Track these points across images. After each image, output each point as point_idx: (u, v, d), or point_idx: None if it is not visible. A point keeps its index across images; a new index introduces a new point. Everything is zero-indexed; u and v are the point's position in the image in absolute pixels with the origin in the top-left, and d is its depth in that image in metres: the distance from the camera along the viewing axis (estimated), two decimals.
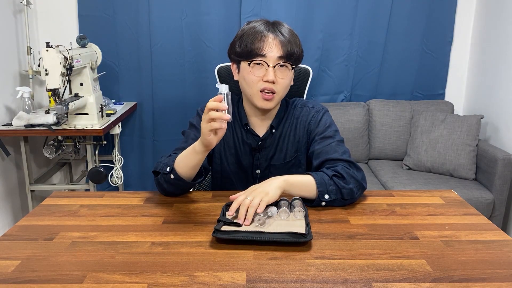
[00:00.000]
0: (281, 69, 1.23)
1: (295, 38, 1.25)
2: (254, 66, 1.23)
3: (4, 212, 2.48)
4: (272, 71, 1.21)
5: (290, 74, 1.26)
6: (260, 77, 1.23)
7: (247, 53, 1.23)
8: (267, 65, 1.21)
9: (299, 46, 1.26)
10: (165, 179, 1.19)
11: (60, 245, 0.96)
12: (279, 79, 1.23)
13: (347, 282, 0.82)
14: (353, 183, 1.17)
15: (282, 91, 1.26)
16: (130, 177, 3.07)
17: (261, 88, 1.24)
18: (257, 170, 1.37)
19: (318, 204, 1.15)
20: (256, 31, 1.22)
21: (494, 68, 2.71)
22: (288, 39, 1.22)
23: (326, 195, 1.14)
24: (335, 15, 2.84)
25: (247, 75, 1.25)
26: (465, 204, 1.20)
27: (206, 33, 2.81)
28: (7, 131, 2.24)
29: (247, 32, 1.24)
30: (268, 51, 1.21)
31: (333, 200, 1.14)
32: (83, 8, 2.78)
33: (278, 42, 1.21)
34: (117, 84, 2.89)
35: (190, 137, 1.31)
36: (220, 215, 1.06)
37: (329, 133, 1.31)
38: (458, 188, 2.43)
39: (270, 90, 1.23)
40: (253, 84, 1.24)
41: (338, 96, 3.02)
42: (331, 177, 1.16)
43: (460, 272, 0.86)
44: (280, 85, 1.24)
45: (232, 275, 0.84)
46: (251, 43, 1.22)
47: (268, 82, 1.22)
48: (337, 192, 1.14)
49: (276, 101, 1.27)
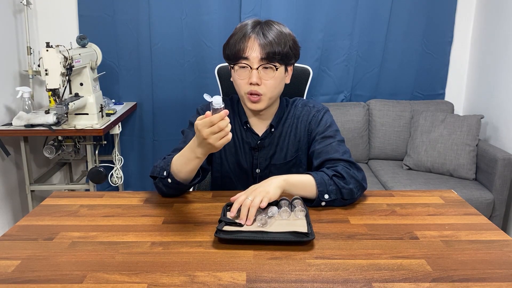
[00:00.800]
0: (266, 70, 1.23)
1: (282, 37, 1.22)
2: (238, 69, 1.23)
3: (4, 212, 2.48)
4: (256, 74, 1.21)
5: (278, 74, 1.24)
6: (245, 80, 1.23)
7: (232, 56, 1.24)
8: (250, 68, 1.21)
9: (287, 44, 1.23)
10: (163, 183, 1.19)
11: (60, 245, 0.96)
12: (264, 80, 1.23)
13: (347, 282, 0.82)
14: (353, 183, 1.17)
15: (270, 92, 1.25)
16: (130, 177, 3.06)
17: (247, 91, 1.24)
18: (257, 170, 1.37)
19: (318, 204, 1.15)
20: (240, 33, 1.22)
21: (494, 68, 2.71)
22: (270, 40, 1.20)
23: (326, 195, 1.14)
24: (335, 15, 2.84)
25: (235, 78, 1.26)
26: (465, 204, 1.20)
27: (206, 33, 2.81)
28: (7, 131, 2.24)
29: (234, 35, 1.24)
30: (249, 53, 1.20)
31: (333, 200, 1.14)
32: (83, 8, 2.78)
33: (259, 44, 1.20)
34: (117, 84, 2.89)
35: (189, 137, 1.30)
36: (221, 215, 1.06)
37: (329, 133, 1.31)
38: (458, 188, 2.43)
39: (255, 93, 1.23)
40: (240, 87, 1.25)
41: (338, 96, 3.02)
42: (331, 177, 1.16)
43: (460, 272, 0.86)
44: (266, 86, 1.23)
45: (232, 275, 0.84)
46: (234, 45, 1.22)
47: (253, 84, 1.22)
48: (337, 192, 1.14)
49: (265, 102, 1.26)
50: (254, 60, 1.21)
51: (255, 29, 1.22)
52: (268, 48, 1.20)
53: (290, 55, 1.25)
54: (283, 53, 1.22)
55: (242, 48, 1.21)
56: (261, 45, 1.20)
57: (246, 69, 1.23)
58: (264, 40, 1.20)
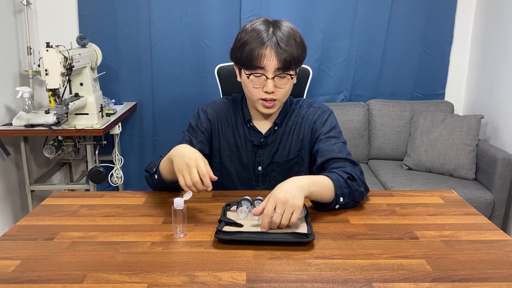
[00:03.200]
0: (281, 78, 1.23)
1: (295, 43, 1.21)
2: (253, 78, 1.23)
3: (4, 212, 2.48)
4: (272, 83, 1.21)
5: (291, 81, 1.26)
6: (260, 87, 1.23)
7: (246, 63, 1.22)
8: (266, 77, 1.21)
9: (299, 50, 1.23)
10: (151, 179, 1.25)
11: (60, 245, 0.96)
12: (278, 88, 1.23)
13: (347, 282, 0.82)
14: (363, 186, 1.18)
15: (283, 97, 1.27)
16: (130, 177, 3.06)
17: (261, 97, 1.25)
18: (259, 167, 1.37)
19: (333, 208, 1.14)
20: (256, 41, 1.19)
21: (494, 68, 2.71)
22: (285, 48, 1.18)
23: (341, 198, 1.13)
24: (335, 15, 2.84)
25: (247, 85, 1.25)
26: (465, 204, 1.20)
27: (206, 33, 2.81)
28: (7, 131, 2.25)
29: (247, 39, 1.20)
30: (266, 63, 1.19)
31: (346, 203, 1.14)
32: (83, 8, 2.77)
33: (275, 53, 1.18)
34: (117, 84, 2.89)
35: (185, 139, 1.34)
36: (221, 215, 1.06)
37: (334, 134, 1.33)
38: (458, 188, 2.43)
39: (271, 99, 1.24)
40: (253, 94, 1.26)
41: (338, 96, 3.02)
42: (345, 179, 1.15)
43: (460, 272, 0.86)
44: (281, 93, 1.25)
45: (232, 275, 0.84)
46: (250, 53, 1.19)
47: (268, 93, 1.22)
48: (350, 194, 1.14)
49: (278, 106, 1.29)
50: (270, 69, 1.20)
51: (268, 33, 1.19)
52: (285, 57, 1.19)
53: (302, 59, 1.26)
54: (297, 60, 1.23)
55: (259, 58, 1.19)
56: (277, 53, 1.18)
57: (260, 78, 1.22)
58: (280, 50, 1.18)
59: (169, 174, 1.17)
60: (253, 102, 1.29)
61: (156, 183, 1.24)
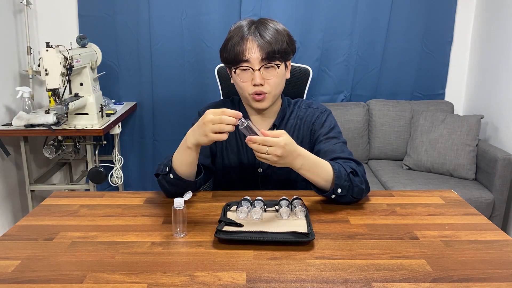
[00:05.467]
0: (267, 69, 1.23)
1: (278, 35, 1.23)
2: (240, 72, 1.24)
3: (4, 212, 2.48)
4: (259, 75, 1.22)
5: (279, 72, 1.25)
6: (248, 81, 1.24)
7: (232, 60, 1.24)
8: (252, 70, 1.22)
9: (284, 41, 1.24)
10: (166, 180, 1.19)
11: (60, 245, 0.96)
12: (267, 80, 1.24)
13: (347, 282, 0.82)
14: (364, 184, 1.19)
15: (274, 90, 1.26)
16: (130, 177, 3.06)
17: (251, 92, 1.25)
18: (259, 169, 1.37)
19: (329, 196, 1.16)
20: (237, 36, 1.22)
21: (494, 68, 2.71)
22: (268, 39, 1.20)
23: (339, 189, 1.14)
24: (335, 15, 2.84)
25: (237, 82, 1.26)
26: (465, 204, 1.20)
27: (206, 33, 2.81)
28: (7, 131, 2.24)
29: (230, 38, 1.24)
30: (250, 55, 1.21)
31: (343, 196, 1.15)
32: (83, 8, 2.77)
33: (258, 45, 1.20)
34: (117, 84, 2.89)
35: None
36: (221, 215, 1.06)
37: (334, 134, 1.33)
38: (458, 188, 2.43)
39: (261, 92, 1.24)
40: (243, 89, 1.26)
41: (338, 96, 3.02)
42: (348, 173, 1.16)
43: (460, 272, 0.86)
44: (270, 85, 1.24)
45: (232, 275, 0.84)
46: (233, 49, 1.22)
47: (257, 85, 1.23)
48: (350, 189, 1.15)
49: (270, 100, 1.27)
50: (255, 61, 1.21)
51: (251, 29, 1.23)
52: (267, 48, 1.20)
53: (288, 51, 1.26)
54: (282, 50, 1.23)
55: (242, 51, 1.21)
56: (259, 45, 1.20)
57: (247, 71, 1.23)
58: (262, 40, 1.20)
59: (187, 166, 1.15)
60: (246, 99, 1.29)
61: (172, 183, 1.17)
